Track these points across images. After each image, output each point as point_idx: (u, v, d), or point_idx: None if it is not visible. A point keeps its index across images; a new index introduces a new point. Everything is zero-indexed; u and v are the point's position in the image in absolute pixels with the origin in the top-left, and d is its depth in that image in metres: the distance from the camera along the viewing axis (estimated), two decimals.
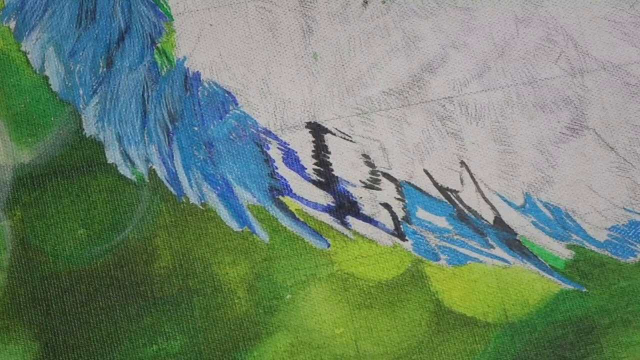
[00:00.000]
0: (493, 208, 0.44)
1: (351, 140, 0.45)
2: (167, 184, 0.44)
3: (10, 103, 0.45)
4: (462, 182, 0.44)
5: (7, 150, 0.44)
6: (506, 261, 0.44)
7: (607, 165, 0.45)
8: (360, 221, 0.44)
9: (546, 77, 0.45)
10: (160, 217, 0.43)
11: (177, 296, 0.42)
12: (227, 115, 0.45)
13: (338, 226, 0.43)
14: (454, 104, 0.45)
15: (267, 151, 0.45)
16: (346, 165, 0.45)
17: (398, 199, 0.44)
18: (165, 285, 0.42)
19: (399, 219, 0.44)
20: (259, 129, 0.45)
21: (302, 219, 0.43)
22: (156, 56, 0.46)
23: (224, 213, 0.43)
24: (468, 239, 0.44)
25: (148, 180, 0.44)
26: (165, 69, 0.46)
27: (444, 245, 0.44)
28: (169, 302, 0.42)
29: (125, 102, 0.45)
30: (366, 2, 0.47)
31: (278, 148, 0.45)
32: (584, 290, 0.44)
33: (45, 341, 0.41)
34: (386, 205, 0.44)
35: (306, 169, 0.44)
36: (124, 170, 0.44)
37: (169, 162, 0.44)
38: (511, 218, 0.44)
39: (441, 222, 0.44)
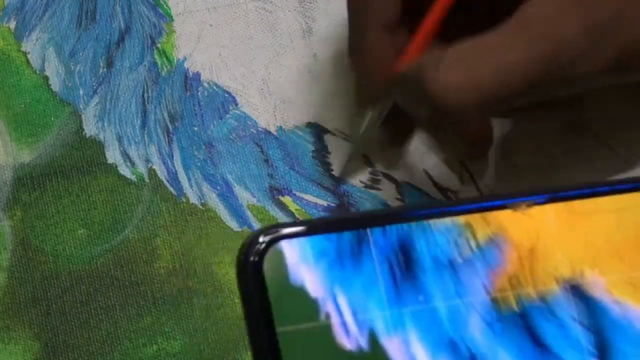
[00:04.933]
0: None
1: (351, 141, 0.45)
2: (167, 184, 0.44)
3: (10, 103, 0.45)
4: (462, 182, 0.45)
5: (7, 150, 0.44)
6: None
7: (606, 164, 0.45)
8: None
9: None
10: (160, 217, 0.43)
11: (177, 296, 0.42)
12: (227, 115, 0.45)
13: None
14: None
15: (267, 151, 0.45)
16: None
17: (398, 199, 0.44)
18: (165, 285, 0.42)
19: None
20: (259, 129, 0.45)
21: (302, 219, 0.43)
22: (156, 56, 0.46)
23: (224, 213, 0.43)
24: None
25: (148, 180, 0.44)
26: (165, 69, 0.46)
27: None
28: (169, 302, 0.42)
29: (125, 102, 0.45)
30: None
31: (278, 148, 0.45)
32: None
33: (45, 341, 0.41)
34: (386, 206, 0.44)
35: (306, 169, 0.44)
36: (124, 170, 0.44)
37: (169, 162, 0.44)
38: None
39: None
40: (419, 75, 0.35)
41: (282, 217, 0.43)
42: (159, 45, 0.46)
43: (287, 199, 0.44)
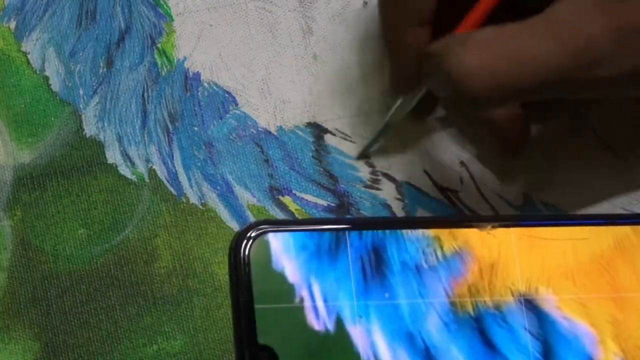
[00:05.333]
0: (493, 208, 0.44)
1: (351, 141, 0.45)
2: (167, 184, 0.44)
3: (10, 103, 0.45)
4: (462, 182, 0.45)
5: (7, 150, 0.44)
6: None
7: (607, 165, 0.45)
8: None
9: None
10: (160, 217, 0.43)
11: (177, 296, 0.42)
12: (227, 115, 0.45)
13: None
14: None
15: (267, 151, 0.45)
16: (346, 166, 0.45)
17: (398, 199, 0.44)
18: (165, 285, 0.42)
19: None
20: (259, 129, 0.45)
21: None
22: (156, 56, 0.46)
23: (224, 213, 0.44)
24: None
25: (148, 180, 0.44)
26: (165, 69, 0.46)
27: None
28: (169, 302, 0.42)
29: (125, 102, 0.45)
30: (366, 3, 0.47)
31: (278, 148, 0.45)
32: None
33: (45, 341, 0.41)
34: (386, 205, 0.44)
35: (306, 169, 0.44)
36: (124, 170, 0.44)
37: (169, 162, 0.44)
38: None
39: None
40: (443, 55, 0.35)
41: (282, 217, 0.43)
42: (159, 45, 0.46)
43: (287, 199, 0.44)
